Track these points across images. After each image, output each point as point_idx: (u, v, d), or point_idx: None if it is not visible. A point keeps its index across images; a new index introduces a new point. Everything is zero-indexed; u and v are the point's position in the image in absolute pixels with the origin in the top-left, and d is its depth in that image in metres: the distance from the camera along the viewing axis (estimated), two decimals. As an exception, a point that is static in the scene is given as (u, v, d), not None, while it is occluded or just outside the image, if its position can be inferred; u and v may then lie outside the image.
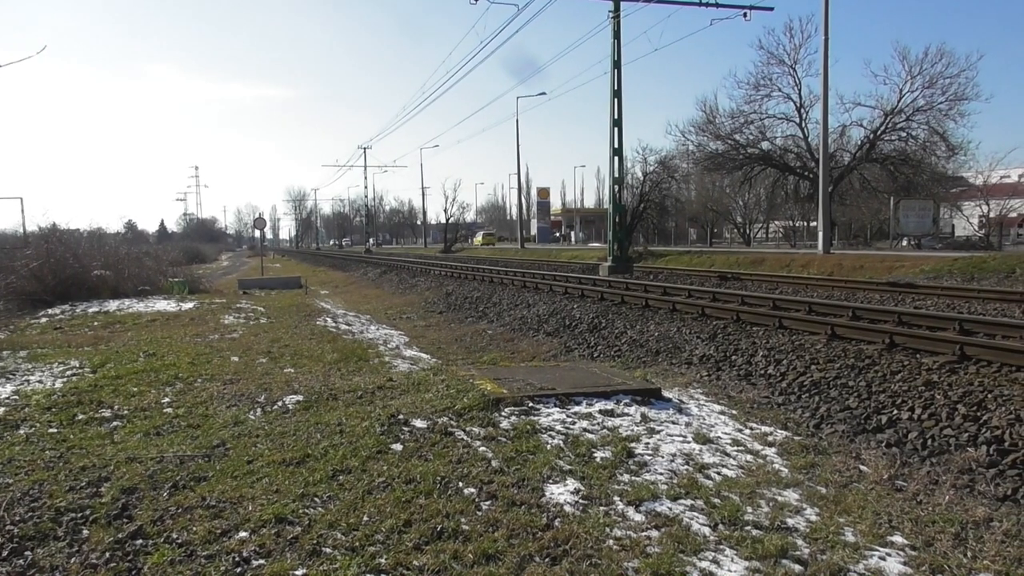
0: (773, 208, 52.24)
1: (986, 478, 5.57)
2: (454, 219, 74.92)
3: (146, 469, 5.33)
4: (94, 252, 24.76)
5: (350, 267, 44.52)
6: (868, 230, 46.96)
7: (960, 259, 21.15)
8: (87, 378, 8.88)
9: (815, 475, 5.65)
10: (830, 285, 18.35)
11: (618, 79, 23.67)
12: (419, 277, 28.48)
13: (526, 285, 19.87)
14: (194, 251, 64.24)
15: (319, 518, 4.44)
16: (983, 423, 6.29)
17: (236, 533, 4.26)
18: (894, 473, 5.77)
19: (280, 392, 7.85)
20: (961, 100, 35.33)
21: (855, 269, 22.35)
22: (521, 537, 4.23)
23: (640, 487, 5.06)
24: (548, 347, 12.63)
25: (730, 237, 60.38)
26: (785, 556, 4.13)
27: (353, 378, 8.71)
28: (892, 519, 4.81)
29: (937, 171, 39.71)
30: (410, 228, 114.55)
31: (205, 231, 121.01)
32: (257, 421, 6.70)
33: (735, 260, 28.44)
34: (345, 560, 3.91)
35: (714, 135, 41.20)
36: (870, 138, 38.13)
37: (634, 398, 7.30)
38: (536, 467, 5.33)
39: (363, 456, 5.51)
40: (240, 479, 5.13)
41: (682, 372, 9.68)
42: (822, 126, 28.39)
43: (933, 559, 4.22)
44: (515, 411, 6.66)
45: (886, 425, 6.81)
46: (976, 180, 40.81)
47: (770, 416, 7.46)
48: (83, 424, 6.78)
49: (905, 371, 7.83)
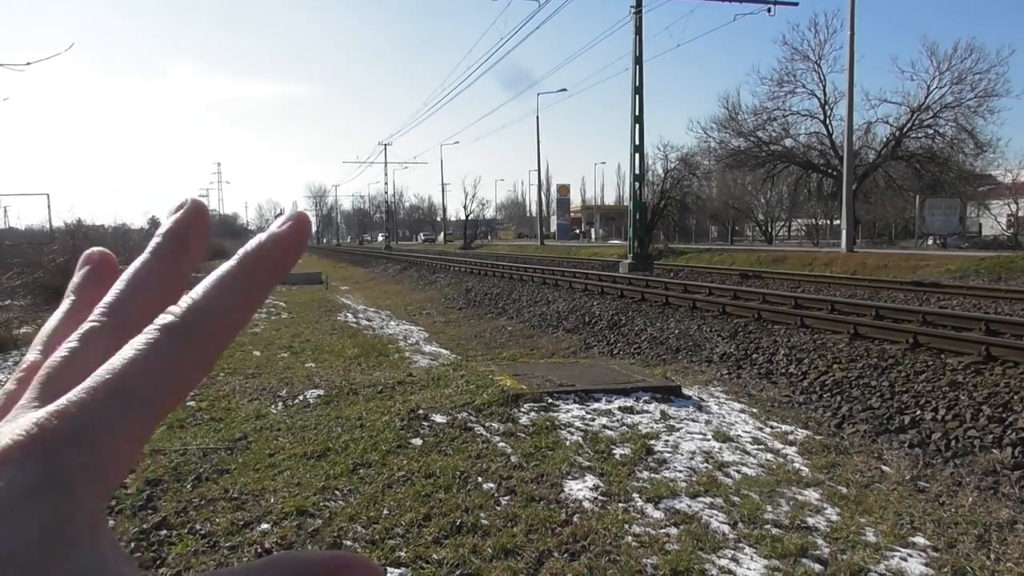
0: (795, 206, 51.78)
1: (1011, 480, 5.50)
2: (474, 216, 74.96)
3: (170, 461, 5.41)
4: (119, 248, 25.07)
5: (370, 263, 44.73)
6: (893, 229, 46.40)
7: (987, 259, 20.85)
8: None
9: (836, 475, 5.60)
10: (853, 284, 18.17)
11: (640, 75, 23.58)
12: (439, 273, 28.56)
13: (546, 282, 19.86)
14: (217, 247, 64.72)
15: (340, 511, 4.48)
16: (1008, 424, 6.21)
17: (258, 525, 4.31)
18: (916, 474, 5.71)
19: (301, 386, 7.92)
20: (991, 96, 34.92)
21: (879, 268, 22.10)
22: (540, 532, 4.25)
23: (659, 484, 5.05)
24: (567, 344, 12.62)
25: (751, 235, 59.93)
26: (805, 555, 4.11)
27: (373, 373, 8.77)
28: (914, 520, 4.77)
29: (964, 169, 39.16)
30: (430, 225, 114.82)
31: (227, 227, 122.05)
32: (279, 415, 6.77)
33: (756, 258, 28.23)
34: (365, 553, 3.94)
35: (736, 132, 41.00)
36: (896, 135, 37.70)
37: (654, 395, 7.28)
38: (555, 463, 5.34)
39: (383, 450, 5.56)
40: (262, 472, 5.19)
41: (702, 370, 9.64)
42: (847, 123, 28.08)
43: (955, 560, 4.17)
44: (534, 407, 6.67)
45: (909, 425, 6.74)
46: (1005, 178, 40.17)
47: (791, 415, 7.41)
48: (108, 416, 6.87)
49: (929, 371, 7.75)
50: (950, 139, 37.07)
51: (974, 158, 38.66)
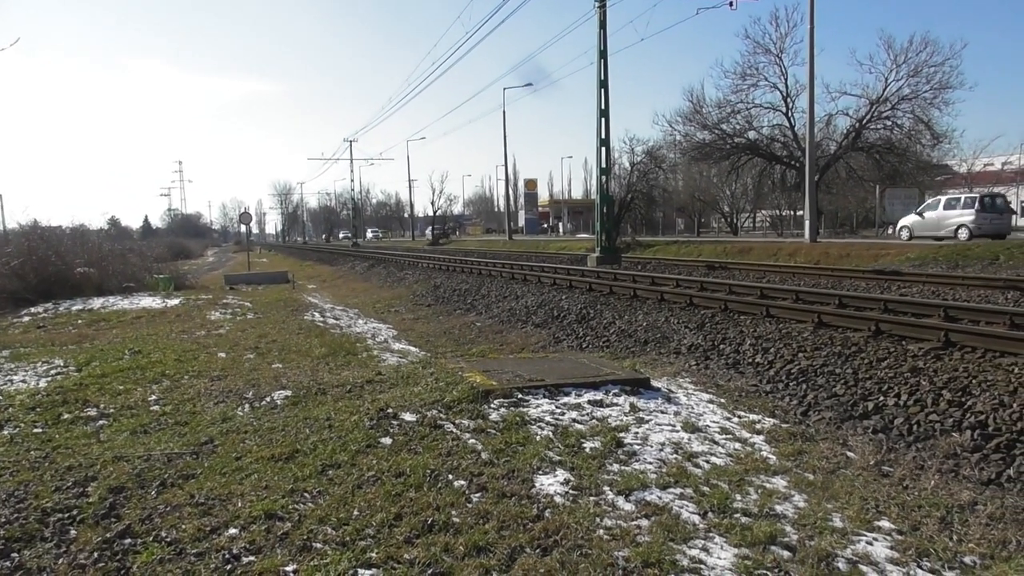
0: (760, 197, 52.42)
1: (971, 462, 5.62)
2: (442, 211, 74.71)
3: (133, 468, 5.30)
4: (77, 249, 24.59)
5: (337, 261, 44.35)
6: (854, 218, 47.23)
7: (945, 246, 21.29)
8: (72, 377, 8.81)
9: (803, 462, 5.68)
10: (817, 273, 18.44)
11: (604, 69, 23.63)
12: (407, 270, 28.42)
13: (514, 277, 19.86)
14: (179, 247, 63.88)
15: (309, 513, 4.43)
16: (968, 408, 6.35)
17: (226, 530, 4.24)
18: (881, 459, 5.82)
19: (268, 388, 7.82)
20: (945, 89, 35.52)
21: (841, 257, 22.46)
22: (512, 528, 4.24)
23: (630, 476, 5.07)
24: (537, 338, 12.64)
25: (717, 227, 60.56)
26: (774, 542, 4.16)
27: (341, 372, 8.69)
28: (879, 504, 4.85)
29: (922, 159, 39.97)
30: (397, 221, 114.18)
31: (190, 227, 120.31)
32: (245, 417, 6.67)
33: (722, 249, 28.52)
34: (336, 555, 3.91)
35: (701, 125, 41.26)
36: (856, 127, 38.28)
37: (623, 388, 7.31)
38: (526, 458, 5.34)
39: (352, 450, 5.51)
40: (229, 476, 5.11)
41: (671, 361, 9.71)
42: (808, 115, 28.45)
43: (919, 543, 4.25)
44: (504, 403, 6.66)
45: (872, 411, 6.85)
46: (960, 168, 41.18)
47: (758, 404, 7.50)
48: (68, 423, 6.74)
49: (891, 358, 7.89)
50: (908, 130, 37.75)
51: (931, 149, 39.47)
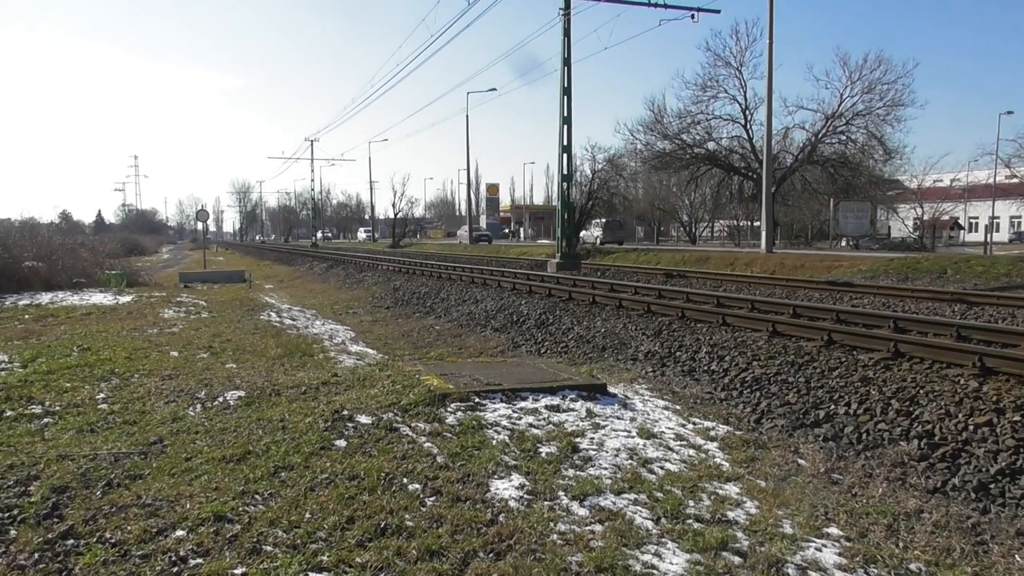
0: (718, 207, 53.17)
1: (917, 471, 5.76)
2: (403, 214, 74.24)
3: (78, 467, 5.16)
4: (25, 243, 23.91)
5: (296, 261, 43.82)
6: (809, 230, 48.18)
7: (895, 259, 21.84)
8: (16, 373, 8.55)
9: (755, 469, 5.76)
10: (772, 283, 18.75)
11: (568, 77, 23.76)
12: (366, 272, 28.19)
13: (474, 281, 19.83)
14: (133, 243, 62.45)
15: (260, 515, 4.36)
16: (915, 418, 6.50)
17: (173, 532, 4.14)
18: (831, 466, 5.93)
19: (221, 388, 7.67)
20: (898, 106, 36.64)
21: (796, 268, 22.88)
22: (465, 533, 4.22)
23: (585, 482, 5.09)
24: (496, 343, 12.63)
25: (676, 235, 61.26)
26: (725, 548, 4.20)
27: (297, 374, 8.58)
28: (828, 511, 4.94)
29: (875, 174, 41.06)
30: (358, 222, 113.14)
31: (145, 223, 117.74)
32: (196, 417, 6.54)
33: (681, 258, 28.86)
34: (286, 558, 3.84)
35: (662, 134, 41.76)
36: (812, 141, 39.16)
37: (580, 393, 7.34)
38: (481, 462, 5.32)
39: (306, 452, 5.43)
40: (178, 476, 5.00)
41: (628, 368, 9.78)
42: (766, 128, 29.00)
43: (867, 549, 4.34)
44: (461, 407, 6.63)
45: (823, 420, 6.98)
46: (911, 183, 42.27)
47: (713, 411, 7.59)
48: (11, 421, 6.54)
49: (842, 367, 8.04)
50: (861, 145, 38.78)
51: (883, 164, 40.63)
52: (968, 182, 52.82)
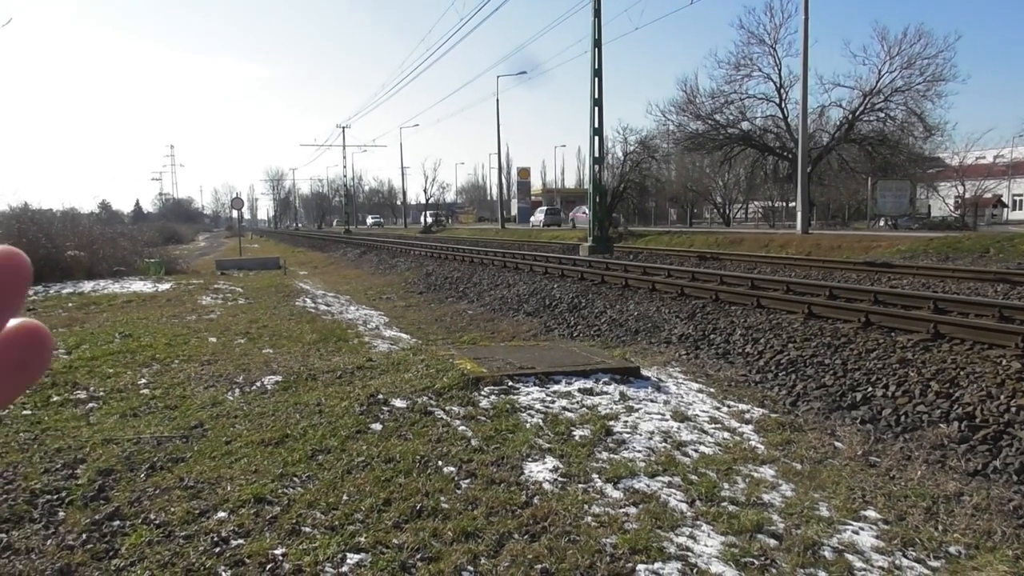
0: (752, 188, 52.43)
1: (957, 453, 5.67)
2: (434, 199, 74.47)
3: (123, 450, 5.30)
4: (67, 233, 24.38)
5: (329, 248, 44.21)
6: (846, 210, 47.34)
7: (935, 239, 21.38)
8: (61, 359, 8.77)
9: (791, 452, 5.71)
10: (808, 265, 18.49)
11: (599, 58, 23.57)
12: (399, 258, 28.36)
13: (506, 265, 19.85)
14: (170, 231, 63.56)
15: (298, 498, 4.44)
16: (955, 400, 6.39)
17: (215, 513, 4.24)
18: (868, 449, 5.85)
19: (259, 372, 7.81)
20: (939, 81, 35.57)
21: (832, 249, 22.52)
22: (500, 515, 4.26)
23: (618, 464, 5.09)
24: (528, 327, 12.65)
25: (710, 217, 60.59)
26: (761, 531, 4.19)
27: (332, 358, 8.69)
28: (865, 494, 4.89)
29: (914, 152, 40.02)
30: (389, 208, 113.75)
31: (181, 211, 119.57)
32: (235, 402, 6.67)
33: (714, 240, 28.56)
34: (324, 539, 3.92)
35: (694, 115, 41.18)
36: (849, 119, 38.31)
37: (613, 377, 7.33)
38: (515, 445, 5.35)
39: (342, 436, 5.51)
40: (218, 460, 5.11)
41: (661, 351, 9.74)
42: (801, 106, 28.45)
43: (905, 532, 4.29)
44: (495, 390, 6.67)
45: (861, 402, 6.90)
46: (952, 161, 41.19)
47: (747, 394, 7.53)
48: (58, 406, 6.72)
49: (880, 349, 7.93)
50: (900, 122, 37.81)
51: (923, 141, 39.53)
52: (1012, 158, 51.29)
